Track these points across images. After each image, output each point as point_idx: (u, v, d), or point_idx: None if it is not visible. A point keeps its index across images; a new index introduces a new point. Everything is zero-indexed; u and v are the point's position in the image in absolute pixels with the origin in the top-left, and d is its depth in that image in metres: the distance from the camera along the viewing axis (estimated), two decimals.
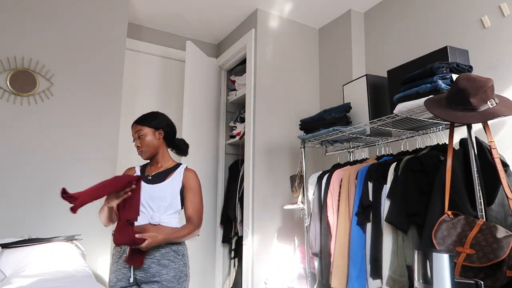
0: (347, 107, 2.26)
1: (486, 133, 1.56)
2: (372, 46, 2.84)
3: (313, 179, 2.38)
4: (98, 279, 2.09)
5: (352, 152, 2.56)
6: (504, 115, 1.52)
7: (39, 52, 2.29)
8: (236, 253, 3.18)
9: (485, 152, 1.64)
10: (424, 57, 1.90)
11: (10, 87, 2.19)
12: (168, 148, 1.96)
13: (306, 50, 3.15)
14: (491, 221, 1.55)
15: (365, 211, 1.93)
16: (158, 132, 1.87)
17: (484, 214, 1.51)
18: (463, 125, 1.67)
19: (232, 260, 3.28)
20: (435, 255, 1.16)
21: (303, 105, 3.04)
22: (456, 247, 1.43)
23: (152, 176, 1.87)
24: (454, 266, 1.20)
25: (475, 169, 1.54)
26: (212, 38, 3.47)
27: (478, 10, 2.11)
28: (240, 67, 3.35)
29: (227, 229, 3.23)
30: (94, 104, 2.42)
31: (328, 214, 2.16)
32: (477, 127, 1.70)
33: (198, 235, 1.84)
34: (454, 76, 1.67)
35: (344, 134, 2.22)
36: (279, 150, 2.89)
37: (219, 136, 3.43)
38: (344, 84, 2.45)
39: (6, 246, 1.75)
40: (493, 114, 1.50)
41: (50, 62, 2.32)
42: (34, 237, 1.94)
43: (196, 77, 3.02)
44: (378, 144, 2.34)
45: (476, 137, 1.62)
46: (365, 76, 2.26)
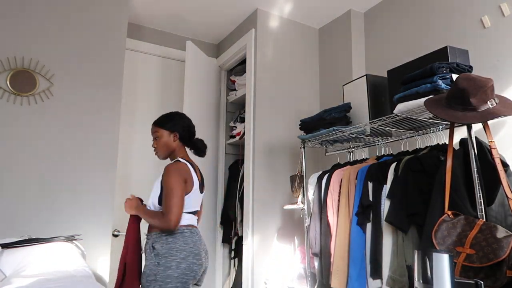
0: (347, 107, 2.26)
1: (486, 133, 1.56)
2: (372, 46, 2.84)
3: (313, 179, 2.38)
4: (98, 279, 2.09)
5: (352, 152, 2.56)
6: (504, 115, 1.52)
7: (39, 52, 2.29)
8: (236, 253, 3.18)
9: (485, 152, 1.64)
10: (424, 57, 1.90)
11: (10, 87, 2.19)
12: (187, 148, 1.98)
13: (306, 50, 3.15)
14: (491, 221, 1.55)
15: (365, 211, 1.93)
16: (173, 134, 1.90)
17: (484, 214, 1.51)
18: (463, 125, 1.67)
19: (232, 260, 3.28)
20: (435, 255, 1.16)
21: (303, 105, 3.04)
22: (456, 247, 1.43)
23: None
24: (454, 266, 1.20)
25: (475, 169, 1.54)
26: (212, 38, 3.47)
27: (478, 10, 2.11)
28: (240, 67, 3.35)
29: (227, 229, 3.22)
30: (94, 104, 2.42)
31: (328, 214, 2.16)
32: (477, 127, 1.69)
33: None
34: (454, 76, 1.67)
35: (344, 134, 2.23)
36: (279, 150, 2.89)
37: (219, 136, 3.43)
38: (344, 84, 2.45)
39: (6, 246, 1.75)
40: (493, 114, 1.50)
41: (50, 62, 2.32)
42: (34, 237, 1.94)
43: (196, 77, 3.02)
44: (378, 144, 2.34)
45: (476, 137, 1.62)
46: (365, 76, 2.26)
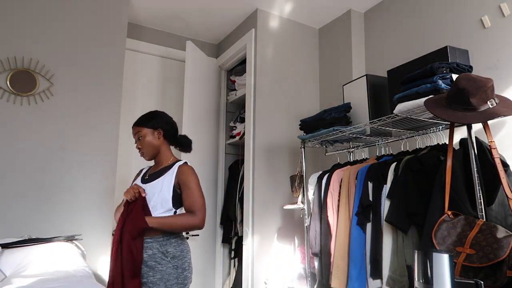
0: (347, 107, 2.26)
1: (486, 133, 1.56)
2: (372, 46, 2.84)
3: (313, 179, 2.38)
4: (98, 279, 2.09)
5: (352, 152, 2.56)
6: (504, 115, 1.52)
7: (39, 52, 2.29)
8: (236, 253, 3.18)
9: (485, 152, 1.64)
10: (424, 57, 1.90)
11: (10, 87, 2.19)
12: (172, 146, 1.94)
13: (306, 50, 3.15)
14: (491, 221, 1.55)
15: (365, 211, 1.93)
16: (157, 131, 1.85)
17: (484, 214, 1.51)
18: (463, 125, 1.67)
19: (232, 260, 3.28)
20: (435, 255, 1.16)
21: (303, 105, 3.04)
22: (456, 247, 1.43)
23: (149, 176, 1.86)
24: (454, 266, 1.20)
25: (475, 169, 1.54)
26: (212, 38, 3.47)
27: (478, 10, 2.11)
28: (240, 67, 3.35)
29: (227, 229, 3.22)
30: (94, 104, 2.42)
31: (328, 214, 2.16)
32: (477, 127, 1.70)
33: (198, 232, 1.77)
34: (454, 76, 1.67)
35: (344, 134, 2.22)
36: (279, 150, 2.89)
37: (219, 136, 3.43)
38: (344, 84, 2.45)
39: (6, 246, 1.75)
40: (493, 114, 1.50)
41: (50, 62, 2.32)
42: (34, 237, 1.94)
43: (196, 77, 3.02)
44: (378, 144, 2.34)
45: (476, 137, 1.62)
46: (365, 76, 2.26)
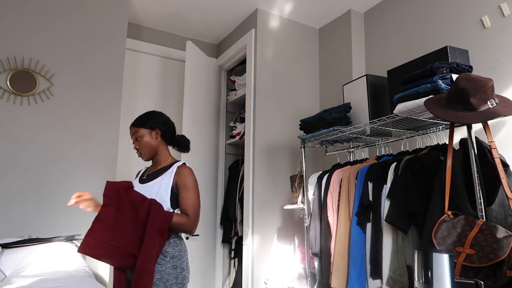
0: (347, 107, 2.26)
1: (486, 133, 1.56)
2: (372, 46, 2.83)
3: (313, 179, 2.38)
4: (98, 279, 2.09)
5: (352, 152, 2.56)
6: (504, 115, 1.52)
7: (39, 52, 2.29)
8: (236, 253, 3.18)
9: (485, 152, 1.64)
10: (424, 57, 1.90)
11: (10, 87, 2.19)
12: (169, 146, 1.94)
13: (306, 50, 3.15)
14: (491, 221, 1.55)
15: (365, 211, 1.93)
16: (154, 132, 1.84)
17: (484, 214, 1.51)
18: (463, 125, 1.67)
19: (232, 260, 3.28)
20: (435, 255, 1.16)
21: (303, 105, 3.04)
22: (456, 247, 1.43)
23: (147, 176, 1.86)
24: (454, 266, 1.20)
25: (475, 169, 1.54)
26: (212, 38, 3.47)
27: (478, 10, 2.11)
28: (240, 67, 3.35)
29: (227, 229, 3.23)
30: (94, 104, 2.42)
31: (328, 214, 2.16)
32: (477, 127, 1.69)
33: (192, 234, 1.74)
34: (454, 76, 1.67)
35: (344, 134, 2.22)
36: (279, 150, 2.89)
37: (219, 136, 3.43)
38: (344, 84, 2.45)
39: (6, 246, 1.75)
40: (493, 114, 1.50)
41: (50, 62, 2.32)
42: (34, 237, 1.94)
43: (196, 77, 3.02)
44: (378, 144, 2.34)
45: (476, 137, 1.62)
46: (365, 76, 2.26)
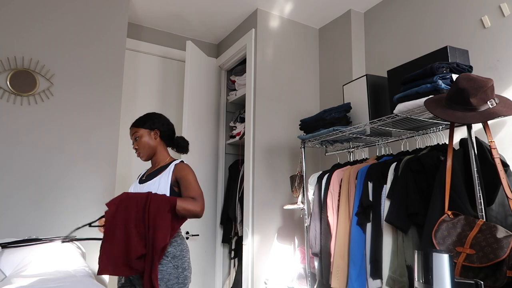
0: (347, 107, 2.26)
1: (486, 133, 1.56)
2: (372, 46, 2.84)
3: (313, 179, 2.38)
4: (98, 279, 2.09)
5: (352, 152, 2.56)
6: (504, 115, 1.52)
7: (39, 52, 2.29)
8: (236, 253, 3.18)
9: (485, 152, 1.64)
10: (424, 57, 1.90)
11: (10, 87, 2.19)
12: (168, 147, 1.95)
13: (306, 50, 3.15)
14: (491, 221, 1.55)
15: (365, 211, 1.93)
16: (153, 132, 1.86)
17: (484, 214, 1.51)
18: (463, 125, 1.67)
19: (232, 260, 3.28)
20: (435, 255, 1.16)
21: (303, 105, 3.04)
22: (456, 247, 1.43)
23: (146, 176, 1.86)
24: (454, 266, 1.20)
25: (475, 169, 1.54)
26: (212, 38, 3.47)
27: (478, 10, 2.11)
28: (240, 67, 3.35)
29: (227, 229, 3.23)
30: (94, 104, 2.42)
31: (328, 214, 2.16)
32: (477, 127, 1.70)
33: (198, 232, 1.75)
34: (454, 76, 1.67)
35: (344, 134, 2.22)
36: (279, 150, 2.89)
37: (219, 136, 3.43)
38: (344, 84, 2.45)
39: (6, 246, 1.75)
40: (493, 114, 1.50)
41: (50, 62, 2.32)
42: (34, 237, 1.94)
43: (196, 77, 3.02)
44: (378, 144, 2.34)
45: (476, 137, 1.62)
46: (365, 76, 2.26)
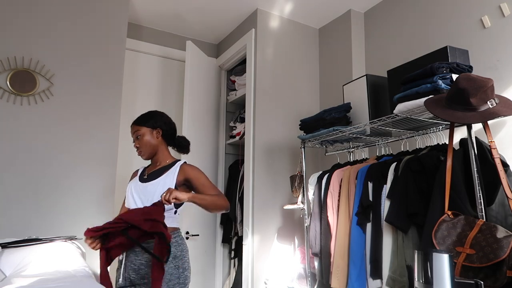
0: (347, 107, 2.26)
1: (486, 133, 1.56)
2: (372, 46, 2.83)
3: (313, 179, 2.38)
4: (98, 279, 2.09)
5: (352, 152, 2.56)
6: (504, 115, 1.52)
7: (39, 52, 2.29)
8: (236, 253, 3.18)
9: (485, 152, 1.64)
10: (424, 57, 1.90)
11: (10, 87, 2.19)
12: (169, 147, 1.95)
13: (306, 50, 3.15)
14: (491, 221, 1.55)
15: (365, 211, 1.93)
16: (155, 131, 1.85)
17: (484, 214, 1.51)
18: (463, 125, 1.67)
19: (232, 260, 3.28)
20: (435, 255, 1.16)
21: (303, 105, 3.04)
22: (456, 247, 1.43)
23: (147, 175, 1.86)
24: (454, 266, 1.20)
25: (475, 169, 1.54)
26: (212, 38, 3.47)
27: (478, 10, 2.11)
28: (240, 67, 3.35)
29: (227, 229, 3.23)
30: (94, 104, 2.42)
31: (328, 214, 2.16)
32: (477, 127, 1.69)
33: (198, 232, 1.78)
34: (454, 76, 1.67)
35: (344, 134, 2.22)
36: (279, 150, 2.88)
37: (219, 136, 3.43)
38: (344, 84, 2.45)
39: (6, 246, 1.75)
40: (493, 114, 1.50)
41: (50, 62, 2.32)
42: (34, 237, 1.94)
43: (196, 77, 3.02)
44: (378, 144, 2.34)
45: (476, 137, 1.62)
46: (365, 76, 2.26)
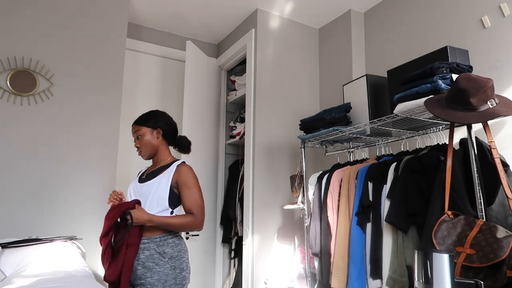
0: (347, 107, 2.26)
1: (486, 133, 1.56)
2: (372, 46, 2.84)
3: (313, 179, 2.38)
4: (98, 279, 2.09)
5: (352, 152, 2.56)
6: (504, 115, 1.52)
7: (39, 52, 2.29)
8: (236, 253, 3.18)
9: (485, 152, 1.64)
10: (424, 57, 1.90)
11: (10, 87, 2.19)
12: (170, 146, 1.94)
13: (306, 50, 3.15)
14: (491, 221, 1.55)
15: (365, 211, 1.93)
16: (156, 131, 1.85)
17: (484, 214, 1.51)
18: (463, 125, 1.67)
19: (232, 260, 3.28)
20: (435, 255, 1.16)
21: (303, 105, 3.04)
22: (456, 247, 1.43)
23: (146, 175, 1.86)
24: (454, 266, 1.20)
25: (475, 169, 1.54)
26: (212, 38, 3.47)
27: (478, 10, 2.11)
28: (240, 67, 3.35)
29: (227, 229, 3.23)
30: (94, 104, 2.42)
31: (328, 214, 2.16)
32: (477, 127, 1.70)
33: (198, 232, 1.76)
34: (454, 76, 1.67)
35: (344, 134, 2.22)
36: (279, 150, 2.89)
37: (219, 136, 3.43)
38: (344, 84, 2.45)
39: (6, 246, 1.75)
40: (493, 114, 1.50)
41: (50, 62, 2.32)
42: (34, 237, 1.94)
43: (196, 77, 3.02)
44: (378, 144, 2.34)
45: (476, 137, 1.62)
46: (365, 76, 2.26)
